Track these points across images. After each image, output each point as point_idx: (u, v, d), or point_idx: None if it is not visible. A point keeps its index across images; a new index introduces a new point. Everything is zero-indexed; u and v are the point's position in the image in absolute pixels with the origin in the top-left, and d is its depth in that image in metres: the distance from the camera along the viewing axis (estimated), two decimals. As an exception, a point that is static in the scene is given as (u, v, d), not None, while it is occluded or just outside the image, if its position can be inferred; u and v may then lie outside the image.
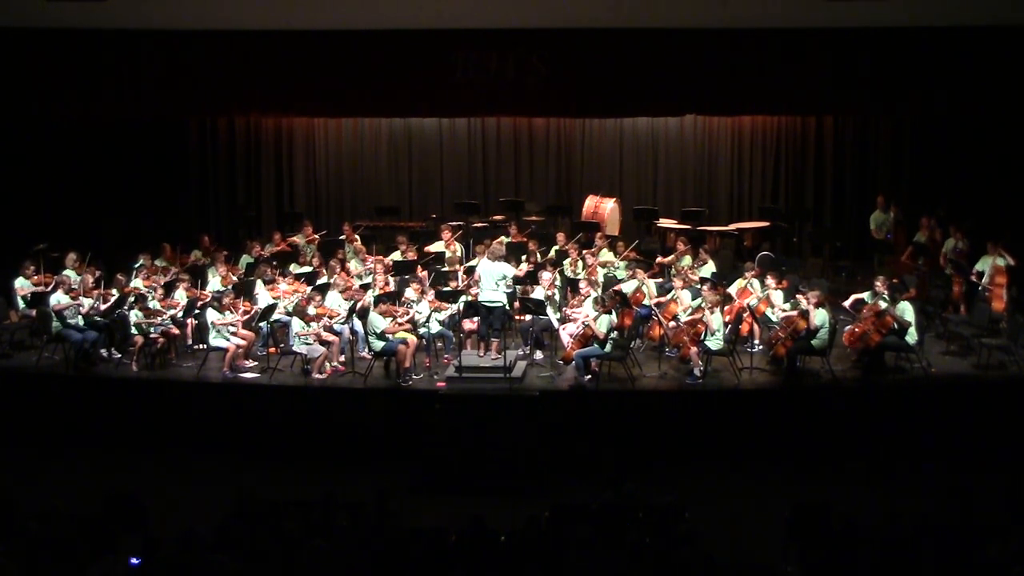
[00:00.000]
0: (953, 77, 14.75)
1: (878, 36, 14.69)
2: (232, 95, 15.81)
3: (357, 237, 15.52)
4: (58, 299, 12.83)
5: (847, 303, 13.02)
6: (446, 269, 14.34)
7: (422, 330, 12.68)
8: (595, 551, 7.45)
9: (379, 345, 12.37)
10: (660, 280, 14.23)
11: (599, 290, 13.34)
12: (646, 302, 13.36)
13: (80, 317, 12.91)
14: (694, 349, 12.22)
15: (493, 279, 12.96)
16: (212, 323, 12.70)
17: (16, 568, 7.07)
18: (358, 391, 12.35)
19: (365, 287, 13.71)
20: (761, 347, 13.08)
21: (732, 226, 16.80)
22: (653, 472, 10.91)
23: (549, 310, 12.85)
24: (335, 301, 13.26)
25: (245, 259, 15.04)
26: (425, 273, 14.01)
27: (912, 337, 12.34)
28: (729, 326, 12.66)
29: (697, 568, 7.33)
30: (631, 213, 16.93)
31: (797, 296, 12.98)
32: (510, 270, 13.23)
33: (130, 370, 12.82)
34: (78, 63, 15.45)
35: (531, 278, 13.48)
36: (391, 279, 13.98)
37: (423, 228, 16.37)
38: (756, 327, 13.13)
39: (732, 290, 13.42)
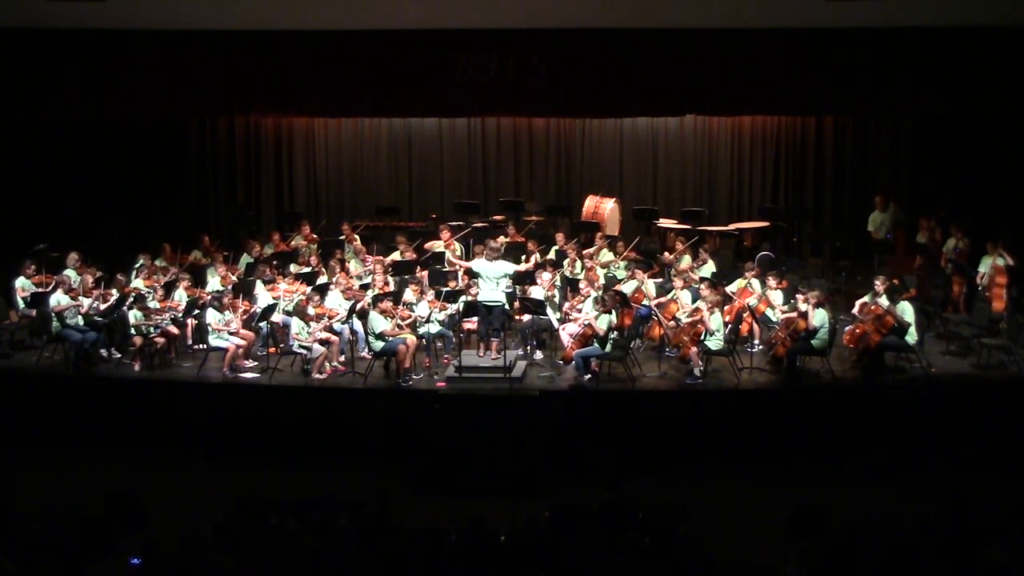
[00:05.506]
0: (953, 77, 14.73)
1: (878, 36, 14.67)
2: (232, 95, 15.77)
3: (357, 237, 15.52)
4: (58, 299, 12.82)
5: (856, 310, 12.88)
6: (446, 269, 14.34)
7: (422, 330, 12.69)
8: (595, 551, 7.44)
9: (379, 345, 12.37)
10: (660, 280, 14.23)
11: (599, 290, 13.33)
12: (645, 302, 13.36)
13: (80, 317, 12.91)
14: (694, 349, 12.22)
15: (493, 278, 12.99)
16: (211, 324, 12.70)
17: (16, 568, 7.07)
18: (358, 391, 12.34)
19: (365, 287, 13.73)
20: (761, 347, 13.07)
21: (732, 226, 16.80)
22: (653, 472, 10.91)
23: (549, 310, 12.86)
24: (335, 301, 13.26)
25: (245, 259, 15.03)
26: (425, 273, 14.01)
27: (912, 337, 12.34)
28: (729, 326, 12.66)
29: (697, 568, 7.33)
30: (631, 213, 16.93)
31: (797, 296, 12.97)
32: (510, 267, 13.27)
33: (130, 370, 12.83)
34: (78, 63, 15.42)
35: (530, 278, 13.50)
36: (391, 279, 13.99)
37: (423, 228, 16.36)
38: (756, 327, 13.12)
39: (731, 290, 13.42)
